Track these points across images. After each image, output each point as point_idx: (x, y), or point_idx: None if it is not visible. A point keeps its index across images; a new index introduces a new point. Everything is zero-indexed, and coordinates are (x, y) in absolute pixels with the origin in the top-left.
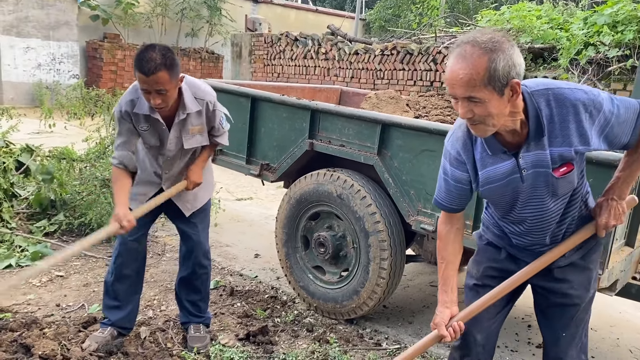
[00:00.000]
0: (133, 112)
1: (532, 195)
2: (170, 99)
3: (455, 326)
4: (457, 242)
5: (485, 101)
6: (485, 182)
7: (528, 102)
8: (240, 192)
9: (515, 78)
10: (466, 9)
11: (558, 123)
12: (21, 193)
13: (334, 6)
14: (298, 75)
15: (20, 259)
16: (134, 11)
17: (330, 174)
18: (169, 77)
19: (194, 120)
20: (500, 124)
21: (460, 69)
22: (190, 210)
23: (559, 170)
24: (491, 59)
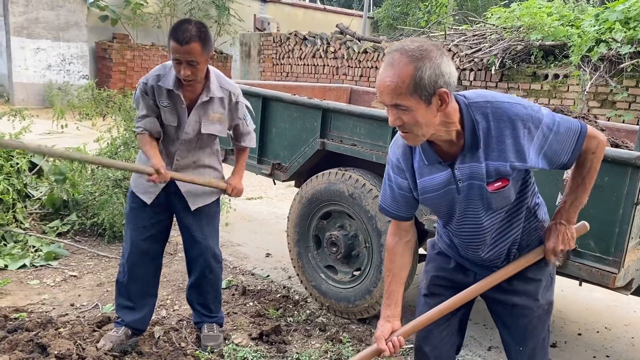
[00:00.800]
0: (157, 84)
1: (467, 208)
2: (199, 73)
3: (395, 341)
4: (405, 255)
5: (412, 109)
6: (423, 191)
7: (465, 114)
8: (250, 191)
9: (444, 87)
10: (475, 6)
11: (495, 137)
12: (34, 194)
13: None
14: (307, 75)
15: (34, 259)
16: (142, 11)
17: (342, 173)
18: (202, 49)
19: (216, 107)
20: (429, 133)
21: (387, 77)
22: (195, 204)
23: (493, 185)
24: (417, 67)
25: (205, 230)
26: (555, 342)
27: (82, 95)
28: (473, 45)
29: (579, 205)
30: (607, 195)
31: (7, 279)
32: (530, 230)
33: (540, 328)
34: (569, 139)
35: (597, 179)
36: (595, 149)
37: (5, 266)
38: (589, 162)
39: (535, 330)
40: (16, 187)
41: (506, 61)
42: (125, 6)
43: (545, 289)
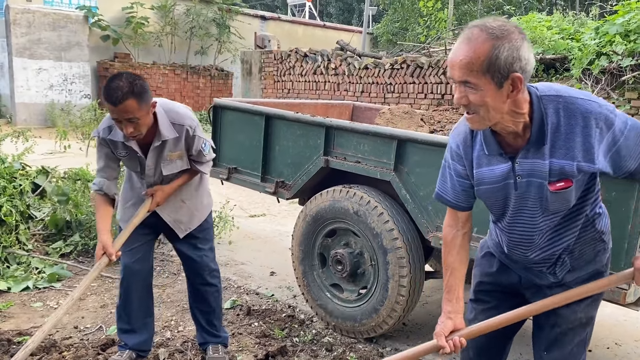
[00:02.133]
0: (109, 138)
1: (523, 206)
2: (143, 127)
3: (457, 341)
4: (463, 248)
5: (480, 89)
6: (478, 183)
7: (535, 106)
8: (254, 209)
9: (518, 72)
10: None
11: (564, 134)
12: (37, 215)
13: (341, 21)
14: (308, 91)
15: (38, 281)
16: (143, 30)
17: (346, 190)
18: (138, 104)
19: (172, 147)
20: (495, 119)
21: (461, 51)
22: (184, 231)
23: (555, 185)
24: (495, 45)
25: (198, 247)
26: None
27: (85, 115)
28: None
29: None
30: (616, 211)
31: (10, 301)
32: (586, 240)
33: (570, 340)
34: (638, 144)
35: (605, 194)
36: None
37: (9, 289)
38: None
39: (565, 339)
40: (19, 208)
41: None
42: (127, 26)
43: (589, 304)
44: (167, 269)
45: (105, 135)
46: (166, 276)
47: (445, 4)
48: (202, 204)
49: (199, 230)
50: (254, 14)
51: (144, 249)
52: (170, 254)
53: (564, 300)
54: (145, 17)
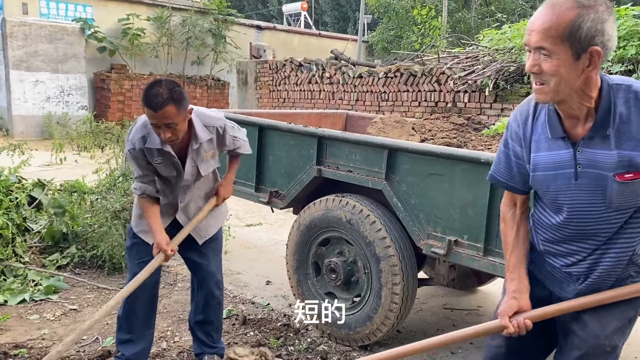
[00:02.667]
0: (145, 147)
1: (582, 198)
2: (180, 132)
3: (521, 322)
4: (522, 226)
5: (556, 57)
6: (534, 168)
7: (604, 93)
8: (250, 218)
9: (599, 47)
10: (468, 28)
11: (635, 124)
12: (33, 227)
13: (337, 29)
14: (304, 100)
15: (34, 294)
16: (140, 42)
17: (339, 199)
18: (177, 110)
19: (207, 147)
20: (565, 93)
21: (543, 16)
22: (203, 238)
23: (624, 175)
24: (580, 14)
25: (208, 255)
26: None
27: (80, 127)
28: (466, 68)
29: None
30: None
31: (7, 314)
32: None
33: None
34: None
35: None
36: None
37: (5, 301)
38: None
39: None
40: (15, 221)
41: (499, 82)
42: (123, 37)
43: (616, 331)
44: (163, 279)
45: (140, 145)
46: (162, 287)
47: (439, 12)
48: (220, 210)
49: (211, 239)
50: (249, 24)
51: None
52: (167, 265)
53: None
54: (142, 29)
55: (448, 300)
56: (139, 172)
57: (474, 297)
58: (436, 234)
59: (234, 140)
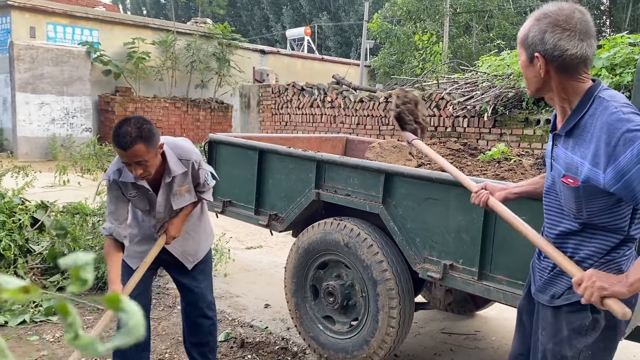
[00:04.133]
0: (120, 180)
1: (551, 190)
2: (152, 167)
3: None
4: None
5: (522, 57)
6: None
7: (584, 100)
8: (250, 241)
9: (541, 54)
10: (469, 54)
11: (589, 133)
12: (35, 248)
13: (340, 54)
14: (305, 124)
15: (35, 315)
16: (145, 65)
17: (337, 223)
18: (147, 148)
19: (180, 181)
20: (532, 88)
21: None
22: (192, 263)
23: (567, 179)
24: (532, 25)
25: (198, 278)
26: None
27: (84, 150)
28: (465, 93)
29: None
30: None
31: (7, 335)
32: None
33: None
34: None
35: None
36: None
37: (6, 322)
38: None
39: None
40: (18, 242)
41: (498, 108)
42: (128, 60)
43: (566, 338)
44: (162, 301)
45: (115, 177)
46: (161, 309)
47: (440, 38)
48: (206, 232)
49: (201, 262)
50: (253, 48)
51: (144, 283)
52: (167, 287)
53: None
54: (147, 52)
55: (446, 324)
56: (112, 207)
57: (472, 322)
58: (432, 258)
59: (206, 180)
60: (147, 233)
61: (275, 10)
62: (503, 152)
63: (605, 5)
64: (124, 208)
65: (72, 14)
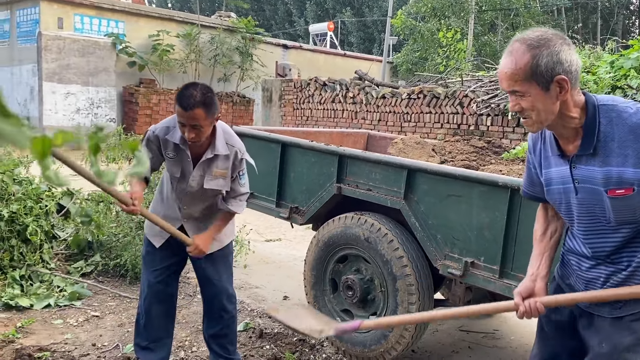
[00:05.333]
0: (165, 137)
1: (587, 212)
2: (203, 135)
3: (533, 304)
4: (552, 224)
5: (528, 95)
6: (546, 183)
7: (590, 113)
8: (269, 233)
9: (562, 74)
10: (493, 52)
11: (618, 142)
12: (60, 235)
13: (362, 50)
14: (326, 119)
15: (59, 299)
16: (169, 57)
17: (357, 217)
18: (205, 114)
19: (220, 163)
20: (549, 119)
21: (505, 64)
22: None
23: (615, 191)
24: (534, 55)
25: (219, 271)
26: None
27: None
28: (490, 91)
29: None
30: None
31: (32, 318)
32: None
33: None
34: None
35: None
36: None
37: (31, 305)
38: None
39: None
40: (44, 228)
41: None
42: (153, 52)
43: (632, 347)
44: (183, 290)
45: (161, 134)
46: (182, 297)
47: (464, 35)
48: (225, 232)
49: (221, 255)
50: (276, 43)
51: (168, 272)
52: (187, 276)
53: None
54: (171, 45)
55: (464, 322)
56: None
57: (491, 320)
58: (453, 255)
59: (239, 174)
60: (169, 212)
61: (298, 5)
62: None
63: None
64: (155, 161)
65: (99, 5)
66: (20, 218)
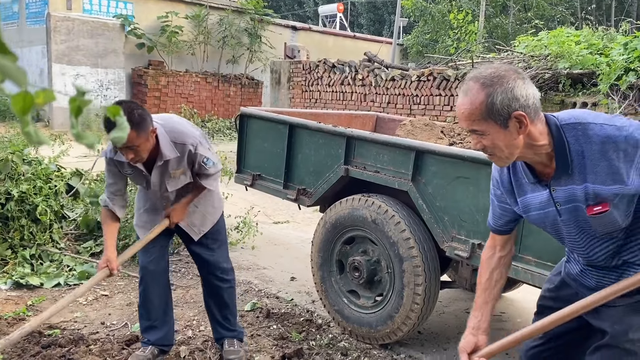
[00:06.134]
0: (115, 159)
1: (574, 231)
2: (143, 152)
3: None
4: (497, 270)
5: (488, 133)
6: (525, 210)
7: (555, 135)
8: (278, 216)
9: (519, 110)
10: (505, 34)
11: (589, 159)
12: (70, 215)
13: (372, 32)
14: (335, 101)
15: (69, 278)
16: (177, 39)
17: (365, 199)
18: (136, 134)
19: (175, 165)
20: (515, 154)
21: (461, 104)
22: (198, 234)
23: (592, 209)
24: (488, 93)
25: (212, 248)
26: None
27: None
28: None
29: None
30: None
31: (43, 296)
32: None
33: None
34: None
35: None
36: None
37: (41, 284)
38: None
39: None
40: (54, 208)
41: None
42: (162, 34)
43: None
44: (191, 270)
45: (112, 155)
46: (190, 277)
47: (476, 17)
48: (214, 207)
49: (212, 232)
50: (285, 24)
51: (159, 250)
52: None
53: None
54: (180, 26)
55: (471, 304)
56: (109, 180)
57: (498, 303)
58: (460, 237)
59: (203, 162)
60: (155, 203)
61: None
62: None
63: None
64: (121, 182)
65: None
66: (30, 198)
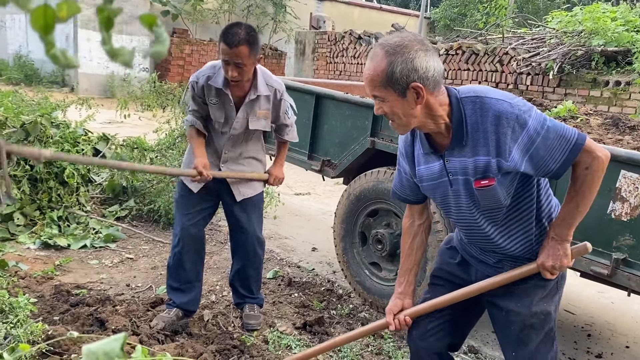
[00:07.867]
0: (207, 83)
1: (461, 202)
2: (245, 74)
3: (402, 319)
4: (417, 237)
5: (387, 100)
6: (420, 180)
7: (454, 107)
8: (299, 187)
9: (417, 82)
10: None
11: (482, 132)
12: (96, 179)
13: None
14: (360, 74)
15: (95, 241)
16: (202, 7)
17: (390, 172)
18: (249, 52)
19: (263, 104)
20: (412, 123)
21: (366, 69)
22: (242, 195)
23: (480, 182)
24: (390, 62)
25: (250, 217)
26: (601, 353)
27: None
28: (531, 49)
29: (572, 222)
30: None
31: (70, 257)
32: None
33: (533, 337)
34: (560, 146)
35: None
36: (589, 165)
37: (69, 245)
38: (581, 179)
39: (527, 338)
40: (81, 172)
41: (565, 66)
42: (187, 2)
43: (543, 299)
44: (215, 237)
45: (203, 81)
46: (214, 244)
47: None
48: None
49: (253, 202)
50: None
51: (202, 215)
52: (219, 224)
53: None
54: None
55: None
56: (193, 107)
57: None
58: None
59: (286, 112)
60: (211, 160)
61: None
62: (570, 110)
63: None
64: (203, 109)
65: None
66: (57, 161)
